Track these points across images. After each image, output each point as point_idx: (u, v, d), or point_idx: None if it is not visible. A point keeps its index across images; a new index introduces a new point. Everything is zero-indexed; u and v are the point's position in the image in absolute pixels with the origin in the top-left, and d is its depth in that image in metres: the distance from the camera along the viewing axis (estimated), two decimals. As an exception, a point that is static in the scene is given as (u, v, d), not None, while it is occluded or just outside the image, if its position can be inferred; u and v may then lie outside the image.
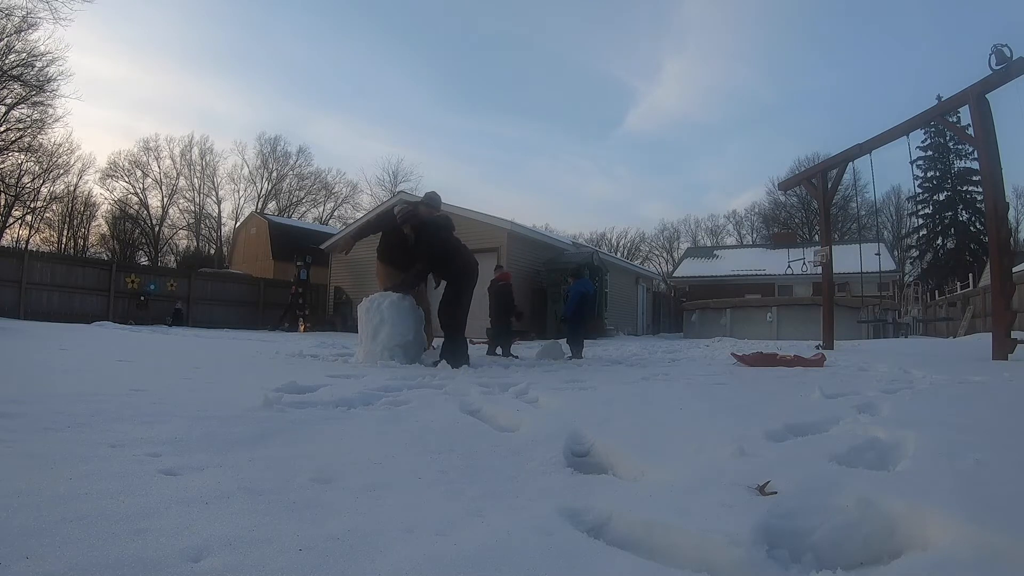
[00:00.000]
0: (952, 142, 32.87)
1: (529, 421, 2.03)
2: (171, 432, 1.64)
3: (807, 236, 35.47)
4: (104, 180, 38.17)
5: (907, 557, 0.96)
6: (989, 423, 2.07)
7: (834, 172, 9.00)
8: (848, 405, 2.40)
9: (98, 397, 2.19)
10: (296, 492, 1.18)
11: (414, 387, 2.95)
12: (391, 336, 4.58)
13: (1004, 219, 6.05)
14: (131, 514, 0.99)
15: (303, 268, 17.67)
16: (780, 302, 18.35)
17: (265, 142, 43.23)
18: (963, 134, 7.26)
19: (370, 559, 0.86)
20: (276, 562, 0.84)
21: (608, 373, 4.26)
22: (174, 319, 15.99)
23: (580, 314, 6.65)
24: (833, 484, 1.22)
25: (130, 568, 0.80)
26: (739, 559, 0.91)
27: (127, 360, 4.04)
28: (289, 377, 2.96)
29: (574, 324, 6.63)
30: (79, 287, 15.10)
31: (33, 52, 20.45)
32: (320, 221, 39.84)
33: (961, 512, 1.02)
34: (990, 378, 3.65)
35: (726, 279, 27.21)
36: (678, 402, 2.61)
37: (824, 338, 8.69)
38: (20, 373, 3.04)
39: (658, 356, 6.80)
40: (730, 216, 50.16)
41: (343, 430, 1.83)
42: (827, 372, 4.35)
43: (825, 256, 8.77)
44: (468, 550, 0.90)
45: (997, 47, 5.59)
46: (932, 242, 34.84)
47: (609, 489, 1.28)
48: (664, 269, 44.25)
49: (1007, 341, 5.57)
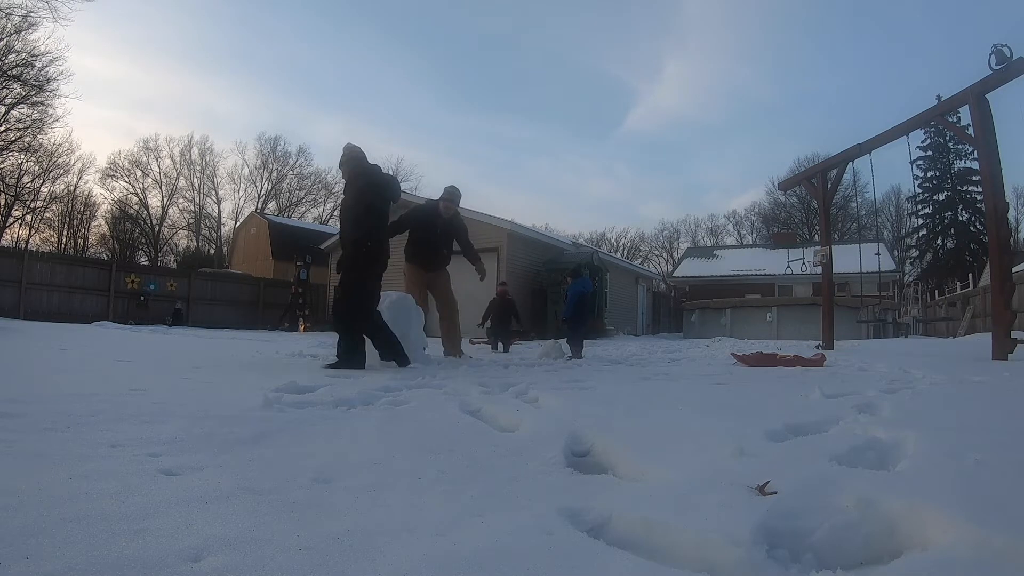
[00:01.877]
0: (952, 142, 32.86)
1: (529, 421, 2.03)
2: (171, 432, 1.64)
3: (807, 236, 35.49)
4: (104, 180, 38.23)
5: (907, 557, 0.96)
6: (989, 423, 2.07)
7: (834, 172, 8.99)
8: (848, 405, 2.39)
9: (98, 397, 2.19)
10: (296, 492, 1.18)
11: (414, 387, 2.95)
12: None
13: (1004, 219, 6.04)
14: (131, 514, 0.99)
15: (303, 268, 17.67)
16: (780, 302, 18.36)
17: (265, 142, 43.31)
18: (963, 134, 7.25)
19: (370, 559, 0.86)
20: (276, 562, 0.84)
21: (608, 373, 4.26)
22: (174, 319, 15.99)
23: (580, 314, 6.66)
24: (833, 484, 1.22)
25: (130, 568, 0.80)
26: (739, 559, 0.91)
27: (127, 360, 4.04)
28: (289, 377, 2.96)
29: (574, 324, 6.64)
30: (79, 287, 15.09)
31: (33, 52, 20.48)
32: (320, 221, 39.84)
33: (961, 512, 1.02)
34: (990, 378, 3.64)
35: (726, 279, 27.21)
36: (678, 402, 2.61)
37: (824, 338, 8.69)
38: (20, 373, 3.04)
39: (658, 356, 6.80)
40: (730, 216, 50.26)
41: (343, 430, 1.83)
42: (827, 372, 4.35)
43: (825, 256, 8.77)
44: (468, 550, 0.90)
45: (997, 47, 5.58)
46: (932, 242, 34.84)
47: (609, 489, 1.28)
48: (664, 269, 44.26)
49: (1007, 341, 5.57)
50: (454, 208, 5.58)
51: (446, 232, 5.55)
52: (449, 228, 5.56)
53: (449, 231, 5.57)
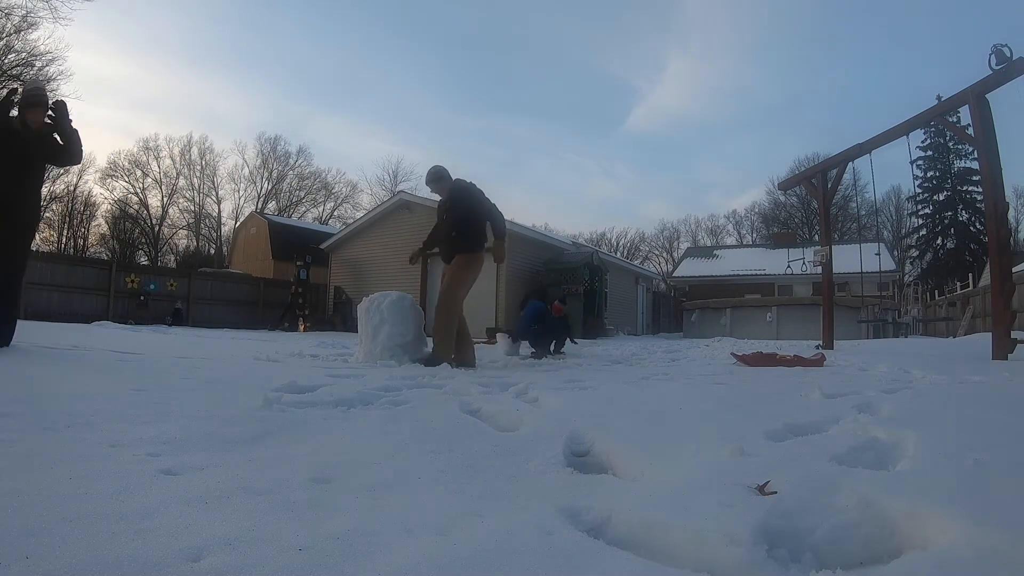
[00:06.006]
0: (952, 142, 32.87)
1: (529, 421, 2.03)
2: (171, 432, 1.64)
3: (807, 236, 35.49)
4: (104, 180, 38.26)
5: (907, 557, 0.96)
6: (989, 423, 2.07)
7: (834, 172, 8.99)
8: (848, 405, 2.39)
9: (98, 397, 2.19)
10: (296, 492, 1.18)
11: (414, 387, 2.95)
12: (391, 336, 4.58)
13: (1004, 219, 6.04)
14: (131, 514, 0.99)
15: (303, 268, 17.66)
16: (780, 302, 18.35)
17: (265, 142, 43.38)
18: (963, 134, 7.25)
19: (370, 559, 0.86)
20: (276, 562, 0.84)
21: (608, 373, 4.26)
22: (174, 319, 15.98)
23: (540, 329, 6.75)
24: (833, 484, 1.22)
25: (130, 568, 0.80)
26: (739, 559, 0.91)
27: (127, 360, 4.04)
28: (289, 377, 2.96)
29: (533, 338, 6.75)
30: (79, 287, 15.09)
31: (33, 52, 20.51)
32: (320, 221, 39.87)
33: (961, 512, 1.02)
34: (990, 378, 3.64)
35: (726, 279, 27.20)
36: (678, 402, 2.61)
37: (824, 338, 8.69)
38: (20, 373, 3.04)
39: (658, 356, 6.80)
40: (730, 216, 50.32)
41: (343, 430, 1.83)
42: (827, 372, 4.35)
43: (825, 256, 8.77)
44: (468, 550, 0.90)
45: (997, 47, 5.58)
46: (932, 242, 34.85)
47: (609, 489, 1.28)
48: (664, 269, 44.27)
49: (1007, 341, 5.57)
50: (443, 188, 4.89)
51: (446, 215, 4.86)
52: (447, 210, 4.86)
53: (448, 213, 4.84)
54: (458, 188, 4.85)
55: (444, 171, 4.93)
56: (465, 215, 4.75)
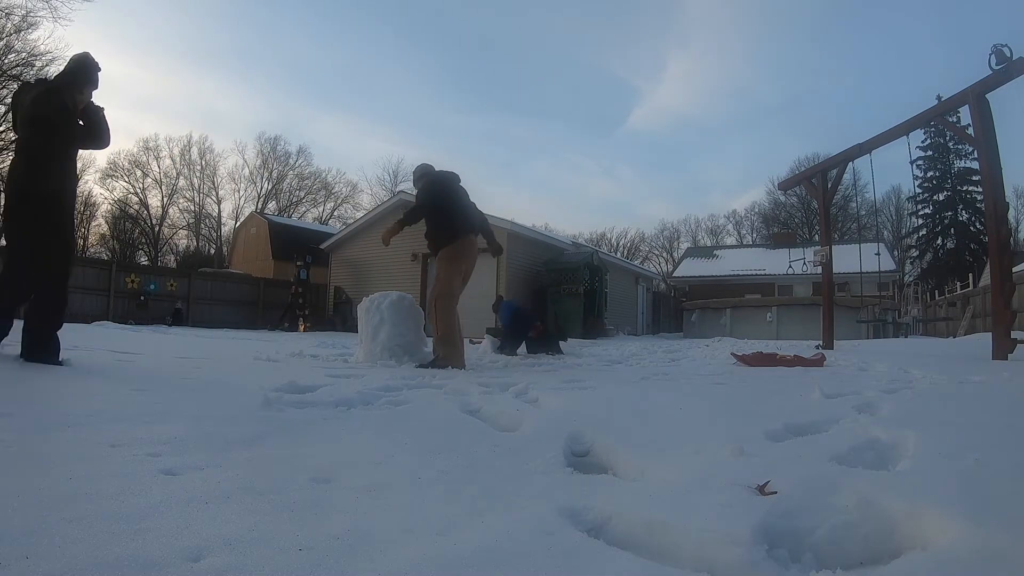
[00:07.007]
0: (952, 142, 32.89)
1: (529, 421, 2.03)
2: (171, 432, 1.64)
3: (807, 236, 35.48)
4: (104, 180, 38.27)
5: (907, 557, 0.96)
6: (989, 423, 2.07)
7: (834, 172, 8.99)
8: (848, 405, 2.39)
9: (98, 397, 2.19)
10: (296, 492, 1.18)
11: (414, 387, 2.95)
12: (391, 336, 4.58)
13: (1004, 219, 6.05)
14: (131, 514, 0.99)
15: (303, 268, 17.66)
16: (780, 302, 18.37)
17: (265, 142, 43.38)
18: (963, 134, 7.25)
19: (370, 559, 0.86)
20: (276, 562, 0.84)
21: (608, 373, 4.26)
22: (174, 319, 15.98)
23: (518, 325, 7.08)
24: (833, 484, 1.22)
25: (130, 568, 0.80)
26: (739, 559, 0.91)
27: (126, 360, 4.04)
28: (289, 377, 2.96)
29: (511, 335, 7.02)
30: (79, 287, 15.05)
31: (33, 52, 20.46)
32: (320, 221, 39.87)
33: (961, 512, 1.02)
34: (990, 378, 3.64)
35: (726, 279, 27.20)
36: (678, 402, 2.61)
37: (824, 338, 8.69)
38: (20, 373, 3.04)
39: (658, 356, 6.80)
40: (730, 216, 50.31)
41: (343, 430, 1.83)
42: (827, 372, 4.35)
43: (825, 256, 8.77)
44: (468, 550, 0.90)
45: (997, 47, 5.58)
46: (932, 242, 34.87)
47: (609, 489, 1.28)
48: (664, 269, 44.28)
49: (1007, 341, 5.57)
50: (420, 185, 4.80)
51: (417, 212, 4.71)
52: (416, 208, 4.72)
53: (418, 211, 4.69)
54: (420, 186, 4.77)
55: (425, 169, 4.88)
56: (430, 208, 4.61)
